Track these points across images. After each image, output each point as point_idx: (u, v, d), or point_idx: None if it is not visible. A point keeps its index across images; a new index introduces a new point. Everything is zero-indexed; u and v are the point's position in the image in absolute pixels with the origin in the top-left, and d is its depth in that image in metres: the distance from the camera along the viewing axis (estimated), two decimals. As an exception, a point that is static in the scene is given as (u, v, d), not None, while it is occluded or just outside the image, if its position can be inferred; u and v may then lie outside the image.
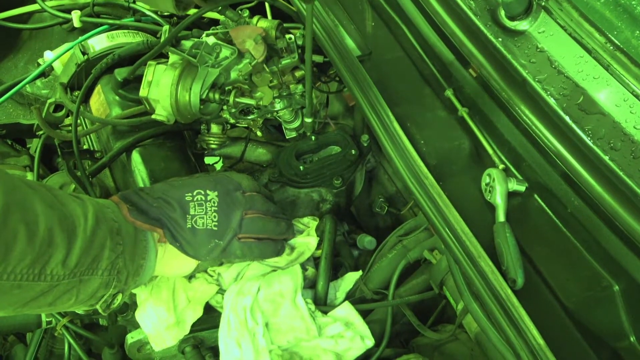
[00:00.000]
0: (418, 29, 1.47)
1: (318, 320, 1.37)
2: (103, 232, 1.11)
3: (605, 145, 1.08)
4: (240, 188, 1.37)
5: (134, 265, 1.19)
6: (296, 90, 1.64)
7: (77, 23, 2.14)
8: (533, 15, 1.24)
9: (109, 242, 1.12)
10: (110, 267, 1.13)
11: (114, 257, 1.14)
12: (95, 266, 1.10)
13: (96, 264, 1.10)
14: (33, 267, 1.00)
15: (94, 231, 1.09)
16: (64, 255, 1.04)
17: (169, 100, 1.46)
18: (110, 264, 1.13)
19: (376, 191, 1.80)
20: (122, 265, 1.16)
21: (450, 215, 1.21)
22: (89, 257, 1.08)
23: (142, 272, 1.23)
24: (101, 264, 1.11)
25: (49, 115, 1.72)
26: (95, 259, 1.10)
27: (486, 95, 1.33)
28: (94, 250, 1.09)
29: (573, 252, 1.17)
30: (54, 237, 1.02)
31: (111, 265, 1.13)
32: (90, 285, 1.12)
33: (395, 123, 1.34)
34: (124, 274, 1.17)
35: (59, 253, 1.03)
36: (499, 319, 1.11)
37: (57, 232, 1.02)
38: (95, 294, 1.15)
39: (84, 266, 1.08)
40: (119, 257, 1.15)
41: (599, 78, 1.14)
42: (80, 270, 1.08)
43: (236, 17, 1.59)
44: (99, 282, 1.13)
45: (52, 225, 1.02)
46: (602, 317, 1.13)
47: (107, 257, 1.12)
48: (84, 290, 1.12)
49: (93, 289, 1.13)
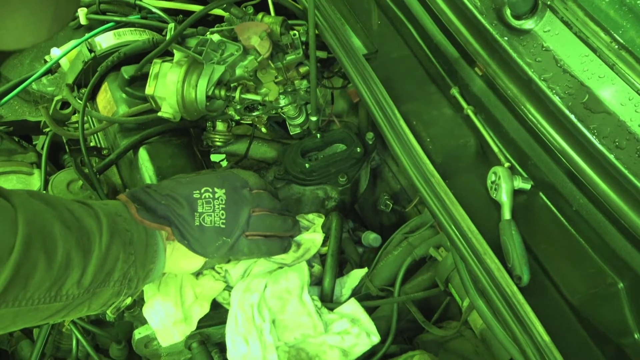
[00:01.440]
0: (424, 28, 1.48)
1: (324, 316, 1.37)
2: (117, 246, 1.13)
3: (610, 144, 1.08)
4: (248, 185, 1.37)
5: (144, 270, 1.21)
6: (301, 86, 1.65)
7: (83, 20, 2.15)
8: (539, 14, 1.24)
9: (122, 255, 1.14)
10: (122, 277, 1.15)
11: (126, 267, 1.15)
12: (108, 279, 1.12)
13: (109, 277, 1.12)
14: (50, 291, 1.02)
15: (108, 247, 1.11)
16: (80, 276, 1.06)
17: (175, 98, 1.46)
18: (122, 275, 1.15)
19: (381, 189, 1.81)
20: (134, 274, 1.17)
21: (457, 213, 1.21)
22: (103, 273, 1.10)
23: (151, 274, 1.24)
24: (113, 276, 1.13)
25: (56, 113, 1.72)
26: (109, 273, 1.12)
27: (492, 93, 1.33)
28: (107, 266, 1.11)
29: (578, 250, 1.18)
30: (71, 259, 1.04)
31: (123, 276, 1.15)
32: (102, 297, 1.14)
33: (402, 121, 1.35)
34: (134, 281, 1.19)
35: (75, 274, 1.05)
36: (505, 316, 1.11)
37: (74, 254, 1.05)
38: (107, 303, 1.17)
39: (98, 282, 1.10)
40: (130, 267, 1.16)
41: (604, 77, 1.15)
42: (94, 286, 1.10)
43: (241, 14, 1.59)
44: (110, 292, 1.15)
45: (69, 248, 1.04)
46: (607, 314, 1.14)
47: (120, 268, 1.14)
48: (96, 302, 1.14)
49: (105, 299, 1.15)
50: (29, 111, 2.32)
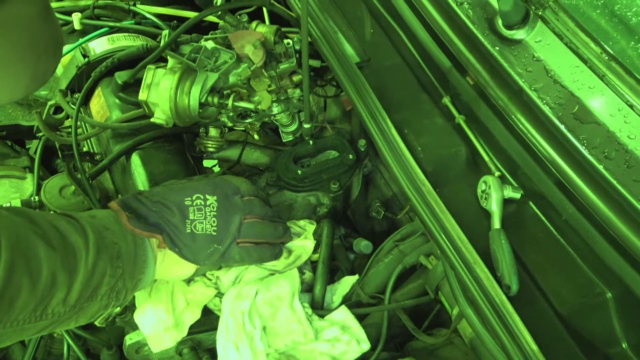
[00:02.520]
0: (416, 37, 1.48)
1: (315, 323, 1.38)
2: (104, 262, 1.12)
3: (599, 154, 1.09)
4: (239, 192, 1.37)
5: (132, 282, 1.21)
6: (294, 94, 1.66)
7: (77, 25, 2.15)
8: (530, 24, 1.25)
9: (109, 270, 1.14)
10: (110, 291, 1.15)
11: (114, 282, 1.15)
12: (95, 294, 1.12)
13: (96, 292, 1.12)
14: (35, 311, 1.02)
15: (95, 264, 1.10)
16: (65, 294, 1.06)
17: (168, 104, 1.47)
18: (109, 289, 1.15)
19: (373, 195, 1.81)
20: (121, 286, 1.17)
21: (447, 222, 1.22)
22: (89, 289, 1.10)
23: (140, 284, 1.24)
24: (100, 291, 1.13)
25: (49, 117, 1.73)
26: (96, 288, 1.12)
27: (483, 103, 1.34)
28: (94, 282, 1.11)
29: (567, 259, 1.18)
30: (56, 279, 1.04)
31: (110, 289, 1.15)
32: (89, 311, 1.14)
33: (393, 129, 1.35)
34: (122, 293, 1.19)
35: (60, 293, 1.05)
36: (494, 325, 1.12)
37: (60, 274, 1.04)
38: (95, 316, 1.18)
39: (84, 298, 1.10)
40: (118, 280, 1.16)
41: (595, 88, 1.15)
42: (80, 302, 1.10)
43: (235, 22, 1.60)
44: (98, 306, 1.15)
45: (55, 268, 1.03)
46: (595, 324, 1.14)
47: (107, 283, 1.14)
48: (83, 316, 1.14)
49: (92, 313, 1.16)
50: (22, 115, 2.32)
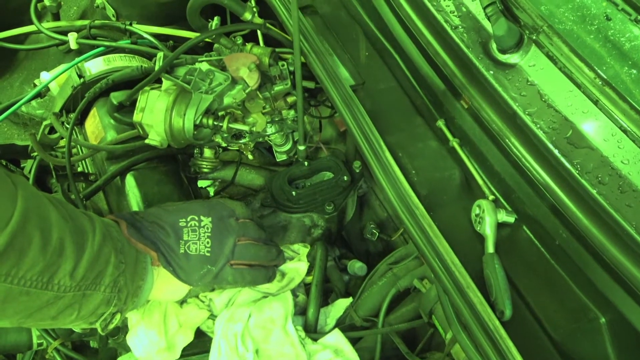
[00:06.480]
0: (411, 60, 1.49)
1: (308, 347, 1.37)
2: (108, 248, 1.14)
3: (593, 179, 1.09)
4: (234, 215, 1.38)
5: (133, 285, 1.21)
6: (288, 115, 1.66)
7: (73, 45, 2.16)
8: (524, 48, 1.26)
9: (113, 259, 1.15)
10: (113, 284, 1.15)
11: (117, 274, 1.15)
12: (99, 281, 1.12)
13: (100, 279, 1.12)
14: (42, 275, 1.02)
15: (100, 247, 1.12)
16: (72, 267, 1.06)
17: (162, 126, 1.47)
18: (112, 281, 1.15)
19: (367, 217, 1.81)
20: (123, 284, 1.18)
21: (440, 246, 1.22)
22: (94, 271, 1.11)
23: (140, 293, 1.24)
24: (104, 280, 1.13)
25: (44, 137, 1.73)
26: (100, 274, 1.12)
27: (477, 126, 1.34)
28: (99, 265, 1.11)
29: (560, 284, 1.18)
30: (64, 248, 1.05)
31: (113, 282, 1.15)
32: (92, 301, 1.13)
33: (387, 152, 1.35)
34: (124, 292, 1.19)
35: (67, 264, 1.05)
36: (487, 350, 1.11)
37: (68, 244, 1.05)
38: (96, 311, 1.16)
39: (89, 280, 1.10)
40: (120, 275, 1.16)
41: (588, 112, 1.16)
42: (86, 284, 1.10)
43: (230, 45, 1.61)
44: (100, 297, 1.14)
45: (64, 236, 1.05)
46: (589, 349, 1.14)
47: (111, 273, 1.14)
48: (85, 306, 1.13)
49: (95, 305, 1.15)
50: (18, 134, 2.32)
